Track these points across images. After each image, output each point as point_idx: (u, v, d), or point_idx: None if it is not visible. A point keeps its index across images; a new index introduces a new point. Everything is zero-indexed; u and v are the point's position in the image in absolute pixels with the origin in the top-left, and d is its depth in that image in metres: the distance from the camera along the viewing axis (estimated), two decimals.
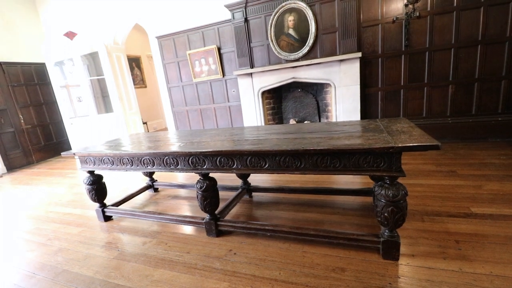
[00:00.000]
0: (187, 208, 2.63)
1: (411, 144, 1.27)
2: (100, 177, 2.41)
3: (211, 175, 1.93)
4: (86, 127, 5.42)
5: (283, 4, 3.78)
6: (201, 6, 4.41)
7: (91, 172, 2.37)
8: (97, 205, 2.49)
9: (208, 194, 1.88)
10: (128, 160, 2.06)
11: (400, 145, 1.29)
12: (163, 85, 5.18)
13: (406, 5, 3.30)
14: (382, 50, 3.65)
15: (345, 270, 1.51)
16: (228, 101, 4.74)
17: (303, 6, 3.70)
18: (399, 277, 1.42)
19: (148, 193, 3.10)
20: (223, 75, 4.62)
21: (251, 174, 3.00)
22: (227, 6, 4.04)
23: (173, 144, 2.09)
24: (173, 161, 1.90)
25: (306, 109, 4.43)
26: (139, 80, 7.83)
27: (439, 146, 1.22)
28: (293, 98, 4.48)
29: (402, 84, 3.69)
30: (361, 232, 1.65)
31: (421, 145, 1.25)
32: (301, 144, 1.55)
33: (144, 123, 7.04)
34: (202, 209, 1.95)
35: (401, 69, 3.64)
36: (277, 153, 1.54)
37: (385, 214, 1.44)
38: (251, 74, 4.23)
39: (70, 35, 4.96)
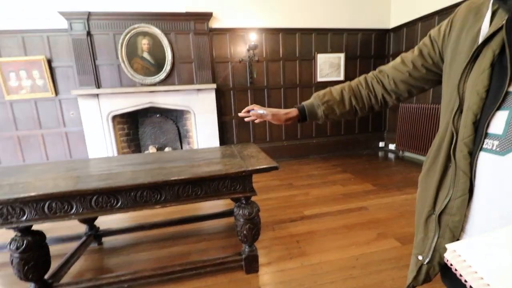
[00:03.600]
0: None
1: (258, 167, 1.49)
2: None
3: (35, 227, 1.44)
4: None
5: (135, 26, 3.59)
6: (21, 5, 3.42)
7: None
8: None
9: (31, 255, 1.37)
10: None
11: (250, 168, 1.48)
12: None
13: (248, 50, 4.00)
14: (233, 84, 4.18)
15: None
16: (65, 126, 3.82)
17: (157, 32, 3.66)
18: (261, 287, 1.57)
19: None
20: (56, 93, 3.70)
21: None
22: (63, 14, 3.36)
23: None
24: None
25: (167, 135, 4.29)
26: None
27: (278, 167, 1.51)
28: (151, 124, 4.22)
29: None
30: (226, 254, 1.72)
31: (265, 167, 1.50)
32: (160, 175, 1.46)
33: None
34: (21, 278, 1.40)
35: (248, 101, 4.29)
36: (132, 188, 1.37)
37: (244, 232, 1.59)
38: (97, 95, 3.64)
39: None
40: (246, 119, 1.02)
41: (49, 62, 3.61)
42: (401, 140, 4.31)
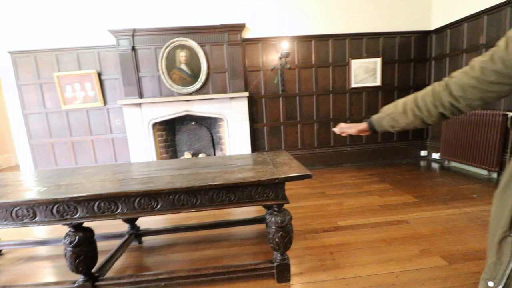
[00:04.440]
0: (50, 271, 2.01)
1: (291, 175, 1.48)
2: None
3: (86, 224, 1.58)
4: None
5: (174, 39, 3.84)
6: (77, 25, 3.87)
7: None
8: None
9: (82, 250, 1.51)
10: None
11: (283, 176, 1.48)
12: (16, 110, 4.04)
13: (280, 58, 4.03)
14: (264, 92, 4.23)
15: None
16: (111, 133, 4.18)
17: (194, 45, 3.87)
18: None
19: None
20: (105, 103, 4.08)
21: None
22: (112, 32, 3.73)
23: (29, 189, 1.61)
24: (27, 212, 1.44)
25: (201, 142, 4.46)
26: None
27: (311, 176, 1.48)
28: (187, 131, 4.43)
29: (281, 121, 4.34)
30: (258, 261, 1.72)
31: (298, 175, 1.48)
32: (196, 180, 1.52)
33: None
34: (73, 270, 1.54)
35: (280, 108, 4.30)
36: (170, 192, 1.45)
37: (276, 240, 1.57)
38: (140, 104, 3.94)
39: None
40: (336, 132, 1.20)
41: (99, 75, 4.00)
42: (446, 148, 3.97)
